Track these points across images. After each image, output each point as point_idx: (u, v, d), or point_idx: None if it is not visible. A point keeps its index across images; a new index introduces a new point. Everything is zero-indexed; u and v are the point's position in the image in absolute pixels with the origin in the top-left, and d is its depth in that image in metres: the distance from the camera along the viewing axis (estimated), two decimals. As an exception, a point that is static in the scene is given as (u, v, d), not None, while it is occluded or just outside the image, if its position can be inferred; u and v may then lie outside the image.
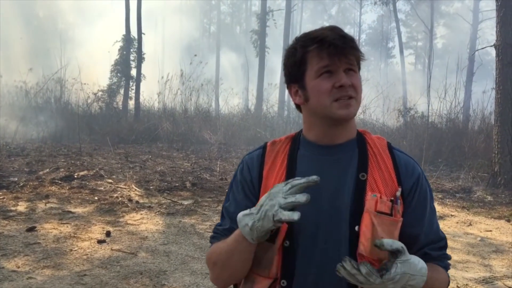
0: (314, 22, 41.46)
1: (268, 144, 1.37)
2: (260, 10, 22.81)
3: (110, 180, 7.26)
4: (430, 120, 12.62)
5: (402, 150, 1.36)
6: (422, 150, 10.44)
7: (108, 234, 4.82)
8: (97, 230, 4.95)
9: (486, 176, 8.96)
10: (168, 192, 6.84)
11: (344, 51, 1.20)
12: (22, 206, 5.67)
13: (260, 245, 1.21)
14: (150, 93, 16.86)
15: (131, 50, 16.29)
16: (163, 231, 5.08)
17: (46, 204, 5.81)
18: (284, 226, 1.21)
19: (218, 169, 8.95)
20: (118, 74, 16.35)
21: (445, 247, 1.33)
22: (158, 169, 8.69)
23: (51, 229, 4.90)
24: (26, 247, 4.31)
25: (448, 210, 6.70)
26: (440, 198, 7.39)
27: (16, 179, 6.96)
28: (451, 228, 5.80)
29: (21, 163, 8.46)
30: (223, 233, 1.31)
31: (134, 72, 16.19)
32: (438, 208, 6.28)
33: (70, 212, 5.56)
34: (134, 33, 16.07)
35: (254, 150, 1.39)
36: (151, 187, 6.99)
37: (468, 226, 5.94)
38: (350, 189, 1.24)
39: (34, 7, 27.80)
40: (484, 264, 4.53)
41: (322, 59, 1.21)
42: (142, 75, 16.01)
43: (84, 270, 3.88)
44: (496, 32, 8.60)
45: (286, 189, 1.13)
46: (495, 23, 8.70)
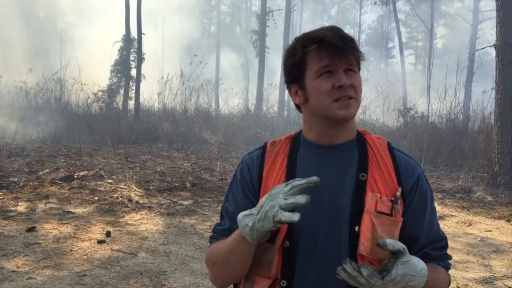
0: (314, 22, 41.47)
1: (268, 144, 1.37)
2: (260, 10, 22.81)
3: (110, 180, 7.26)
4: (430, 120, 12.62)
5: (402, 150, 1.36)
6: (422, 150, 10.43)
7: (108, 234, 4.82)
8: (97, 230, 4.95)
9: (486, 176, 8.96)
10: (168, 192, 6.84)
11: (344, 51, 1.20)
12: (22, 206, 5.67)
13: (260, 245, 1.21)
14: (150, 93, 16.87)
15: (131, 50, 16.29)
16: (163, 231, 5.08)
17: (46, 204, 5.81)
18: (284, 227, 1.21)
19: (218, 169, 8.95)
20: (118, 74, 16.35)
21: (445, 247, 1.33)
22: (158, 169, 8.68)
23: (51, 229, 4.90)
24: (26, 247, 4.31)
25: (448, 210, 6.70)
26: (440, 198, 7.38)
27: (16, 179, 6.96)
28: (451, 228, 5.80)
29: (21, 163, 8.46)
30: (223, 233, 1.31)
31: (134, 72, 16.19)
32: (438, 208, 6.28)
33: (70, 212, 5.56)
34: (134, 33, 16.07)
35: (254, 150, 1.39)
36: (151, 187, 6.99)
37: (468, 226, 5.94)
38: (350, 189, 1.23)
39: (34, 7, 27.81)
40: (484, 264, 4.53)
41: (322, 59, 1.21)
42: (142, 75, 16.01)
43: (84, 270, 3.88)
44: (496, 32, 8.60)
45: (286, 190, 1.13)
46: (495, 23, 8.70)
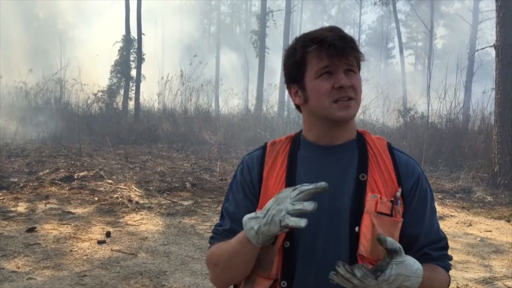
0: (314, 22, 41.47)
1: (268, 144, 1.37)
2: (260, 10, 22.81)
3: (110, 180, 7.26)
4: (430, 120, 12.61)
5: (402, 150, 1.35)
6: (422, 151, 10.43)
7: (108, 234, 4.82)
8: (97, 231, 4.95)
9: (486, 176, 8.96)
10: (168, 192, 6.84)
11: (344, 52, 1.20)
12: (22, 207, 5.67)
13: (261, 246, 1.21)
14: (150, 93, 16.87)
15: (131, 50, 16.29)
16: (163, 232, 5.08)
17: (46, 204, 5.81)
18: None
19: (218, 169, 8.94)
20: (118, 75, 16.34)
21: (445, 247, 1.32)
22: (158, 169, 8.68)
23: (51, 229, 4.90)
24: (26, 248, 4.31)
25: (448, 211, 6.70)
26: (440, 199, 7.38)
27: (16, 180, 6.96)
28: (451, 228, 5.80)
29: (21, 164, 8.46)
30: (224, 233, 1.30)
31: (134, 72, 16.19)
32: (438, 208, 6.25)
33: (70, 212, 5.56)
34: (134, 33, 16.07)
35: (254, 150, 1.39)
36: (151, 188, 6.99)
37: (468, 226, 5.94)
38: (350, 189, 1.23)
39: (34, 8, 27.83)
40: (484, 264, 4.52)
41: (322, 60, 1.21)
42: (142, 76, 16.01)
43: (84, 270, 3.88)
44: (496, 32, 8.59)
45: (294, 194, 1.12)
46: (495, 24, 8.70)
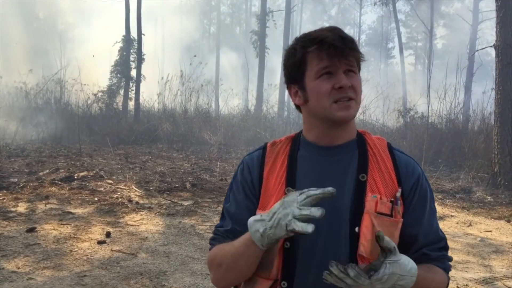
0: (314, 22, 41.48)
1: (268, 144, 1.36)
2: (260, 10, 22.81)
3: (110, 180, 7.26)
4: (430, 120, 12.61)
5: (402, 150, 1.35)
6: (422, 151, 10.43)
7: (108, 235, 4.82)
8: (97, 231, 4.95)
9: (486, 176, 8.96)
10: (168, 192, 6.84)
11: (344, 52, 1.20)
12: (22, 207, 5.67)
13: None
14: (150, 93, 16.87)
15: (131, 50, 16.29)
16: (163, 232, 5.08)
17: (46, 205, 5.80)
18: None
19: (218, 169, 8.94)
20: (118, 75, 16.34)
21: (445, 248, 1.32)
22: (158, 169, 8.68)
23: (51, 230, 4.89)
24: (26, 248, 4.31)
25: (448, 211, 6.70)
26: (440, 199, 7.38)
27: (16, 180, 6.96)
28: (451, 228, 5.80)
29: (21, 164, 8.46)
30: (225, 234, 1.30)
31: (134, 72, 16.19)
32: (438, 208, 6.25)
33: (70, 213, 5.56)
34: (134, 33, 16.07)
35: (254, 150, 1.38)
36: (151, 188, 6.99)
37: (468, 226, 5.94)
38: (350, 190, 1.23)
39: (34, 8, 27.82)
40: (484, 264, 4.52)
41: (322, 60, 1.21)
42: (142, 76, 16.01)
43: (84, 271, 3.88)
44: (496, 32, 8.59)
45: (301, 199, 1.11)
46: (495, 24, 8.69)
